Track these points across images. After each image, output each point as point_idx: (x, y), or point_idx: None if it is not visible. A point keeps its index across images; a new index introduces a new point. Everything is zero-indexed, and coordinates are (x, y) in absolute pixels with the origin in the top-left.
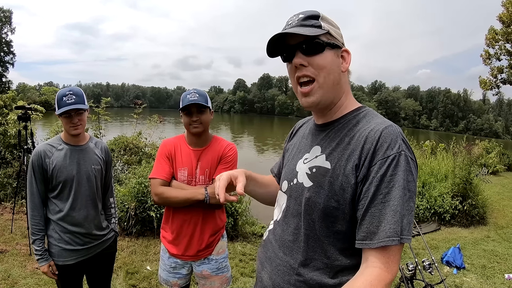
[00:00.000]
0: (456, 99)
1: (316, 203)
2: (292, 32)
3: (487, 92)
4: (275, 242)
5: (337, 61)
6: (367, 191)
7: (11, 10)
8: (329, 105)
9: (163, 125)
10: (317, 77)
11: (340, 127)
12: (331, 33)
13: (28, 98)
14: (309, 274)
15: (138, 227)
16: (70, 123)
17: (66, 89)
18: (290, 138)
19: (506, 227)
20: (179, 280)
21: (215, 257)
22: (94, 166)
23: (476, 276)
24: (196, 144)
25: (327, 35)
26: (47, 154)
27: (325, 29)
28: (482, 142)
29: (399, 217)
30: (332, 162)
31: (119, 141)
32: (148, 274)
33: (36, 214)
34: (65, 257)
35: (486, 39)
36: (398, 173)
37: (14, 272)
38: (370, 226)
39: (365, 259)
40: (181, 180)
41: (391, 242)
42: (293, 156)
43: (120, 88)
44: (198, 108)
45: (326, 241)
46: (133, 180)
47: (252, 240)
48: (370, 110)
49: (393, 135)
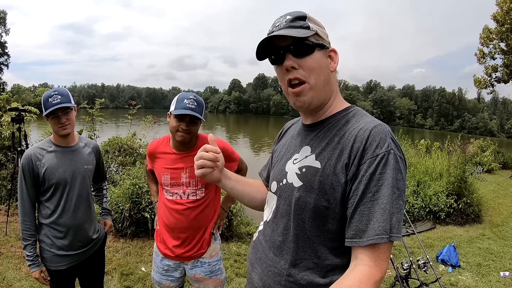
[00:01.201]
0: (451, 98)
1: (307, 203)
2: (282, 34)
3: (481, 91)
4: (265, 243)
5: (326, 61)
6: (357, 189)
7: (5, 11)
8: (320, 105)
9: (158, 125)
10: (307, 79)
11: (329, 127)
12: (319, 33)
13: (23, 100)
14: (300, 274)
15: (133, 228)
16: (58, 123)
17: (51, 91)
18: (278, 140)
19: (501, 225)
20: (172, 283)
21: (208, 260)
22: (86, 166)
23: (471, 274)
24: (181, 148)
25: (315, 35)
26: (38, 157)
27: (313, 29)
28: (477, 141)
29: (388, 215)
30: (322, 162)
31: (114, 142)
32: (143, 276)
33: (27, 220)
34: (58, 262)
35: (480, 38)
36: (387, 172)
37: (9, 274)
38: (359, 224)
39: (354, 257)
40: (165, 184)
41: (380, 240)
42: (282, 156)
43: (115, 89)
44: (192, 118)
45: (317, 241)
46: (128, 182)
47: (247, 240)
48: (359, 110)
49: (382, 134)
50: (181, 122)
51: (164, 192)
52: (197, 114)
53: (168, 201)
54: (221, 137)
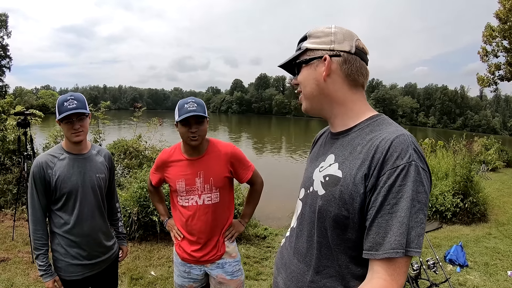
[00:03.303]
0: (453, 96)
1: (328, 211)
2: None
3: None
4: (290, 249)
5: (313, 73)
6: (375, 201)
7: (7, 14)
8: (321, 112)
9: (163, 127)
10: (302, 90)
11: (354, 136)
12: (310, 47)
13: (26, 102)
14: (322, 281)
15: (141, 232)
16: (71, 129)
17: (67, 95)
18: (312, 148)
19: (507, 224)
20: (194, 283)
21: (229, 260)
22: (99, 174)
23: (479, 273)
24: (192, 154)
25: (305, 53)
26: (49, 165)
27: (303, 48)
28: (480, 139)
29: (405, 229)
30: (343, 171)
31: (119, 144)
32: (152, 280)
33: (38, 229)
34: (72, 272)
35: (483, 36)
36: (407, 184)
37: (17, 280)
38: (376, 236)
39: (371, 269)
40: (180, 191)
41: (395, 254)
42: (311, 164)
43: (117, 90)
44: (197, 119)
45: (337, 249)
46: (135, 185)
47: (255, 242)
48: (385, 118)
49: (404, 145)
50: (188, 126)
51: (179, 199)
52: (200, 113)
53: (184, 208)
54: (223, 137)
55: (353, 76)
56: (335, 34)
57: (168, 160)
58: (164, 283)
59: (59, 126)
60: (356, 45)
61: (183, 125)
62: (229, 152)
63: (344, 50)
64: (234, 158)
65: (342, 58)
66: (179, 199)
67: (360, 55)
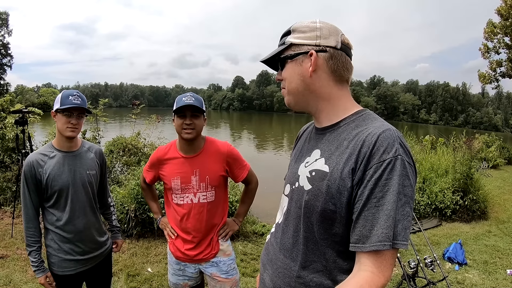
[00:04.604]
0: (455, 92)
1: (314, 206)
2: (264, 59)
3: (485, 86)
4: (276, 245)
5: (298, 69)
6: (362, 194)
7: (7, 12)
8: (307, 108)
9: (162, 124)
10: (285, 86)
11: (340, 131)
12: (295, 42)
13: (27, 100)
14: (309, 276)
15: (139, 229)
16: (68, 122)
17: (74, 91)
18: (295, 144)
19: (507, 222)
20: (189, 281)
21: (223, 259)
22: (89, 171)
23: (478, 272)
24: (188, 151)
25: (290, 48)
26: (40, 163)
27: (287, 43)
28: (481, 136)
29: (392, 222)
30: (330, 166)
31: (118, 142)
32: (149, 276)
33: (31, 226)
34: (65, 267)
35: (484, 33)
36: (393, 178)
37: (16, 277)
38: (363, 229)
39: (358, 262)
40: (175, 189)
41: (383, 246)
42: (296, 160)
43: (118, 88)
44: (193, 112)
45: (324, 244)
46: (133, 182)
47: (253, 239)
48: (370, 113)
49: (390, 139)
50: (184, 118)
51: (174, 197)
52: (196, 104)
53: (178, 206)
54: (224, 134)
55: (339, 72)
56: (321, 29)
57: (164, 157)
58: (160, 280)
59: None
60: (342, 40)
61: (179, 117)
62: (225, 151)
63: (330, 45)
64: (230, 157)
65: (328, 53)
66: (173, 197)
67: (345, 50)
